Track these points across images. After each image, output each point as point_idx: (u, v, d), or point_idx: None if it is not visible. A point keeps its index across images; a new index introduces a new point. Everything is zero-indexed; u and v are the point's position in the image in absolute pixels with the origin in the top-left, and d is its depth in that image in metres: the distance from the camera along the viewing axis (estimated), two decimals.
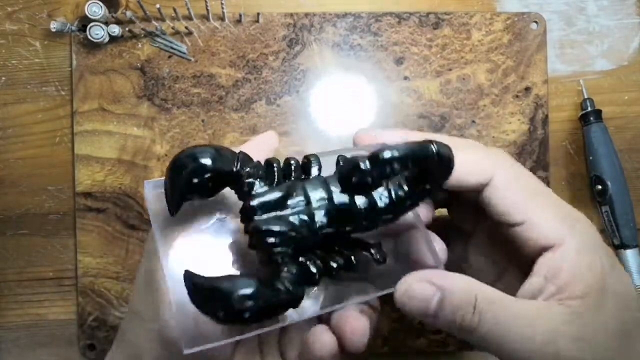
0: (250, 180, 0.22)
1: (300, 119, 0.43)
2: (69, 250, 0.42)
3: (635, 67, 0.45)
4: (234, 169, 0.21)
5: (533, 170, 0.43)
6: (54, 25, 0.40)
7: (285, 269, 0.20)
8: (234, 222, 0.24)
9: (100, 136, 0.42)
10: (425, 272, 0.22)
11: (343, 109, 0.43)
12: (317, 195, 0.21)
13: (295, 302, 0.20)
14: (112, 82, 0.42)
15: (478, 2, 0.44)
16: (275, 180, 0.22)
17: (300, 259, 0.21)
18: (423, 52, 0.43)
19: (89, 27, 0.40)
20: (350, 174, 0.21)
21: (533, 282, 0.22)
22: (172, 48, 0.42)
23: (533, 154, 0.43)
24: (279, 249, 0.20)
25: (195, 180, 0.21)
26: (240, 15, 0.42)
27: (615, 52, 0.45)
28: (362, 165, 0.20)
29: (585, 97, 0.44)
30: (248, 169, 0.22)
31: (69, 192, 0.43)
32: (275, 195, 0.21)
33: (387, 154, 0.20)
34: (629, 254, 0.43)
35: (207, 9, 0.41)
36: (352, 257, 0.22)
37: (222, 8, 0.41)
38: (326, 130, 0.43)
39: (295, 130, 0.43)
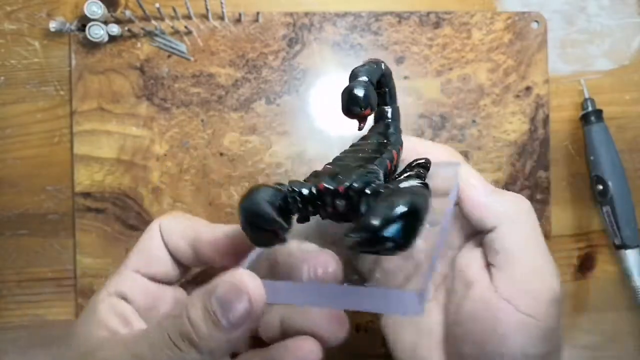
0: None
1: (300, 119, 0.43)
2: (68, 250, 0.42)
3: (636, 67, 0.45)
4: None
5: (534, 170, 0.43)
6: (53, 25, 0.40)
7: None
8: None
9: (99, 136, 0.42)
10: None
11: None
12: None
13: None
14: (111, 82, 0.42)
15: (479, 2, 0.44)
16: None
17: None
18: (423, 52, 0.43)
19: (88, 26, 0.40)
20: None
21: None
22: (171, 47, 0.42)
23: (534, 154, 0.43)
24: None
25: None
26: (239, 15, 0.42)
27: (616, 51, 0.45)
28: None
29: (586, 97, 0.43)
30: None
31: (67, 192, 0.42)
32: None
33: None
34: (630, 254, 0.42)
35: (207, 8, 0.40)
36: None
37: (222, 7, 0.41)
38: (326, 130, 0.43)
39: (295, 130, 0.43)
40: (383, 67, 0.25)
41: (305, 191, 0.20)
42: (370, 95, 0.21)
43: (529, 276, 0.22)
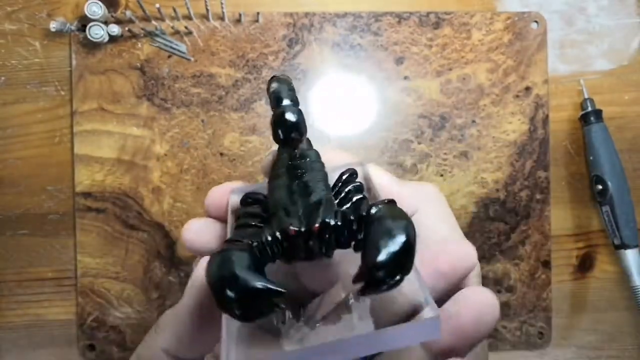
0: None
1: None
2: (69, 250, 0.42)
3: (635, 67, 0.45)
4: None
5: (533, 170, 0.43)
6: (53, 25, 0.40)
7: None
8: None
9: (100, 136, 0.42)
10: None
11: (343, 109, 0.43)
12: None
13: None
14: (111, 82, 0.42)
15: (478, 2, 0.44)
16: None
17: None
18: (423, 52, 0.43)
19: (88, 26, 0.40)
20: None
21: None
22: (171, 48, 0.42)
23: (533, 154, 0.43)
24: None
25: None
26: (240, 15, 0.42)
27: (616, 52, 0.45)
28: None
29: (586, 97, 0.43)
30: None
31: (68, 192, 0.43)
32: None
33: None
34: (630, 253, 0.42)
35: (207, 9, 0.41)
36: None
37: (222, 7, 0.41)
38: (326, 130, 0.43)
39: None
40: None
41: (270, 238, 0.17)
42: (302, 120, 0.21)
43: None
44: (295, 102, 0.22)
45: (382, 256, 0.15)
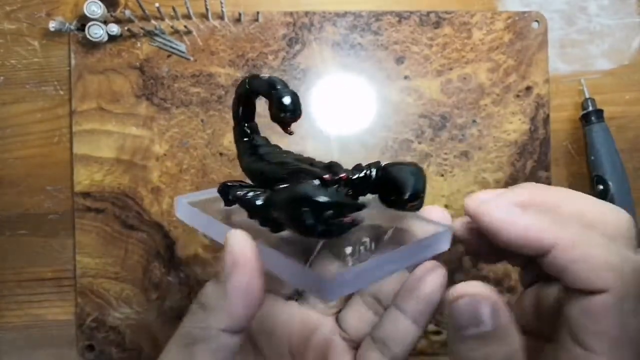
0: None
1: (300, 119, 0.42)
2: (68, 250, 0.42)
3: (636, 67, 0.45)
4: None
5: (534, 170, 0.43)
6: (52, 25, 0.39)
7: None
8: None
9: (99, 136, 0.42)
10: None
11: (343, 108, 0.43)
12: None
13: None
14: (110, 82, 0.42)
15: (479, 1, 0.44)
16: None
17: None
18: (424, 52, 0.43)
19: (87, 26, 0.40)
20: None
21: None
22: (171, 47, 0.42)
23: (534, 153, 0.43)
24: None
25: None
26: (239, 14, 0.42)
27: (616, 51, 0.45)
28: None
29: (587, 96, 0.43)
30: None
31: (67, 192, 0.42)
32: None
33: None
34: None
35: (207, 8, 0.40)
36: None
37: (222, 7, 0.41)
38: (326, 130, 0.43)
39: (295, 130, 0.42)
40: None
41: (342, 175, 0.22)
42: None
43: None
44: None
45: (409, 188, 0.21)
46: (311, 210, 0.18)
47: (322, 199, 0.18)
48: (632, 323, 0.18)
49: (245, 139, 0.28)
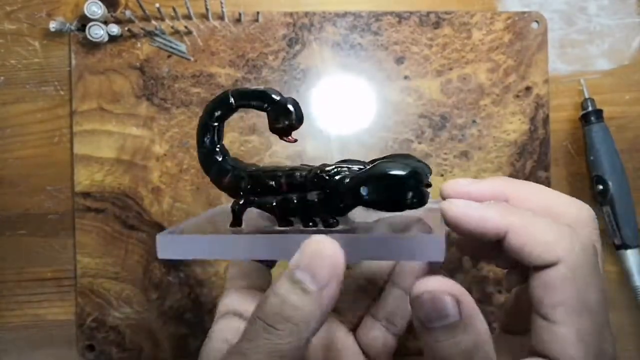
0: None
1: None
2: (68, 250, 0.42)
3: (636, 67, 0.45)
4: None
5: (534, 170, 0.43)
6: (53, 25, 0.40)
7: None
8: None
9: (99, 136, 0.42)
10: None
11: (343, 108, 0.43)
12: None
13: None
14: (111, 82, 0.42)
15: (479, 2, 0.44)
16: None
17: None
18: (423, 52, 0.43)
19: (88, 26, 0.40)
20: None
21: None
22: (171, 47, 0.42)
23: (534, 154, 0.43)
24: None
25: None
26: (239, 14, 0.42)
27: (616, 51, 0.45)
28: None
29: (586, 96, 0.43)
30: None
31: (67, 192, 0.42)
32: None
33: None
34: (630, 254, 0.42)
35: (207, 8, 0.40)
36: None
37: (222, 7, 0.41)
38: (326, 130, 0.43)
39: (295, 130, 0.42)
40: None
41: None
42: None
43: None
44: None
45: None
46: (416, 182, 0.20)
47: (424, 171, 0.21)
48: (589, 294, 0.19)
49: (219, 159, 0.29)
